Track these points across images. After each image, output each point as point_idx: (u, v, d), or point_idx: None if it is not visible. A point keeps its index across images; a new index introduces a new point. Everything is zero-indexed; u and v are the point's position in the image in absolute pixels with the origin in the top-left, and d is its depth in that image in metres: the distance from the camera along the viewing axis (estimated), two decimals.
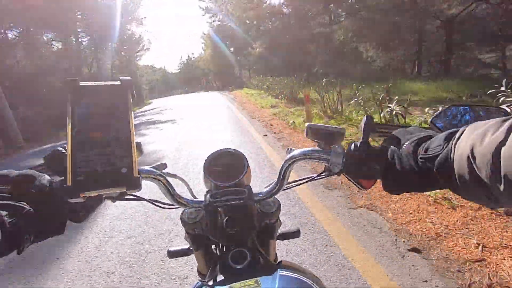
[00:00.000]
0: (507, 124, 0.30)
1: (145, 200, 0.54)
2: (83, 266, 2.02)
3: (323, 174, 0.54)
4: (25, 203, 0.39)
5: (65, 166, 0.41)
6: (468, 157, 0.33)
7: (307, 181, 0.58)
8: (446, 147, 0.38)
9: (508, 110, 0.54)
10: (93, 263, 2.03)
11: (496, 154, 0.29)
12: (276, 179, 0.57)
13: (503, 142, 0.29)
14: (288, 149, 0.57)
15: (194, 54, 70.78)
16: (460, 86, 8.13)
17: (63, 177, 0.44)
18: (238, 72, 37.44)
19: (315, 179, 0.56)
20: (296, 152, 0.55)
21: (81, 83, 0.45)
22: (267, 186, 0.59)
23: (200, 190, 0.70)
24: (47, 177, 0.43)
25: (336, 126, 0.54)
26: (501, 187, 0.30)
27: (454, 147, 0.36)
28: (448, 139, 0.39)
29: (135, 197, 0.51)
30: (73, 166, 0.41)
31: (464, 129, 0.37)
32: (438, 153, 0.39)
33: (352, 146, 0.48)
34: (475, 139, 0.33)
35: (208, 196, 0.54)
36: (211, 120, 8.43)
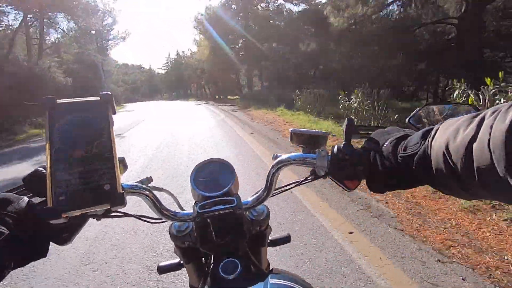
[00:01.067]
0: (476, 120, 0.32)
1: (132, 216, 0.53)
2: None
3: (309, 178, 0.55)
4: (4, 228, 0.37)
5: (45, 186, 0.40)
6: (444, 153, 0.35)
7: (294, 186, 0.58)
8: (423, 144, 0.40)
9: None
10: None
11: (468, 149, 0.31)
12: (264, 186, 0.57)
13: (474, 138, 0.31)
14: (274, 155, 0.57)
15: (185, 51, 57.85)
16: None
17: (44, 198, 0.43)
18: (245, 79, 27.16)
19: (302, 183, 0.57)
20: (282, 157, 0.55)
21: (59, 101, 0.44)
22: (255, 194, 0.59)
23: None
24: (26, 199, 0.41)
25: (319, 130, 0.55)
26: (475, 180, 0.31)
27: (431, 144, 0.38)
28: (424, 136, 0.40)
29: (121, 214, 0.50)
30: (54, 186, 0.40)
31: (438, 127, 0.38)
32: (416, 151, 0.40)
33: (336, 149, 0.50)
34: (449, 136, 0.34)
35: (196, 207, 0.54)
36: None
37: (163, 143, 6.30)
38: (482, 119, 0.31)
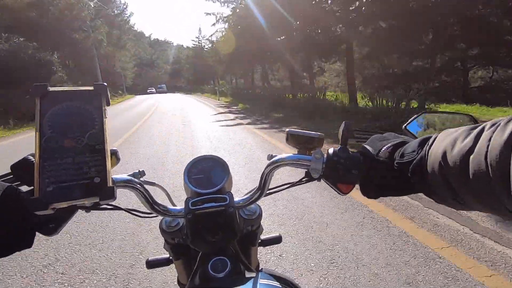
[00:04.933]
0: (474, 132, 0.32)
1: (122, 209, 0.52)
2: None
3: (304, 180, 0.55)
4: None
5: (34, 175, 0.39)
6: (440, 163, 0.34)
7: (288, 187, 0.58)
8: (420, 152, 0.39)
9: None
10: None
11: (465, 161, 0.31)
12: (258, 186, 0.57)
13: (471, 150, 0.31)
14: (269, 155, 0.57)
15: None
16: None
17: (32, 187, 0.42)
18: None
19: (296, 185, 0.57)
20: (277, 158, 0.55)
21: (51, 89, 0.43)
22: (248, 193, 0.58)
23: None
24: (12, 187, 0.40)
25: (315, 132, 0.55)
26: (469, 192, 0.31)
27: (427, 153, 0.38)
28: (422, 145, 0.40)
29: (110, 207, 0.49)
30: (42, 176, 0.39)
31: (436, 136, 0.38)
32: (412, 158, 0.40)
33: (331, 151, 0.49)
34: (446, 146, 0.34)
35: (188, 203, 0.53)
36: None
37: None
38: (481, 131, 0.31)
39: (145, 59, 56.62)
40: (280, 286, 0.50)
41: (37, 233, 0.42)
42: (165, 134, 7.18)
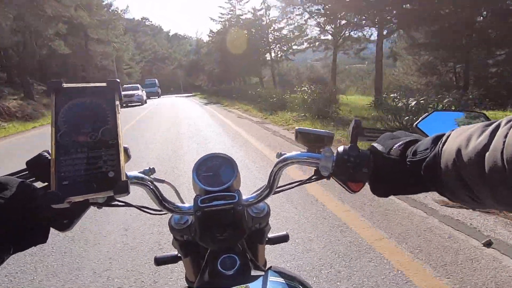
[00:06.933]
0: (489, 129, 0.31)
1: (133, 206, 0.53)
2: None
3: (313, 178, 0.55)
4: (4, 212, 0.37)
5: (49, 171, 0.39)
6: (454, 160, 0.34)
7: (297, 185, 0.58)
8: (433, 150, 0.39)
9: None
10: None
11: (480, 158, 0.30)
12: (266, 183, 0.57)
13: (486, 147, 0.30)
14: (278, 153, 0.57)
15: None
16: None
17: (46, 183, 0.43)
18: None
19: (306, 183, 0.56)
20: (286, 156, 0.55)
21: (65, 85, 0.43)
22: (257, 191, 0.58)
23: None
24: (28, 183, 0.41)
25: (325, 130, 0.54)
26: (485, 189, 0.31)
27: (441, 151, 0.37)
28: (435, 142, 0.40)
29: (122, 203, 0.50)
30: (58, 170, 0.39)
31: (450, 133, 0.38)
32: (425, 156, 0.39)
33: (341, 149, 0.49)
34: (460, 143, 0.34)
35: (197, 201, 0.53)
36: None
37: None
38: (497, 128, 0.31)
39: (160, 53, 53.50)
40: (290, 282, 0.50)
41: (51, 228, 0.43)
42: None
